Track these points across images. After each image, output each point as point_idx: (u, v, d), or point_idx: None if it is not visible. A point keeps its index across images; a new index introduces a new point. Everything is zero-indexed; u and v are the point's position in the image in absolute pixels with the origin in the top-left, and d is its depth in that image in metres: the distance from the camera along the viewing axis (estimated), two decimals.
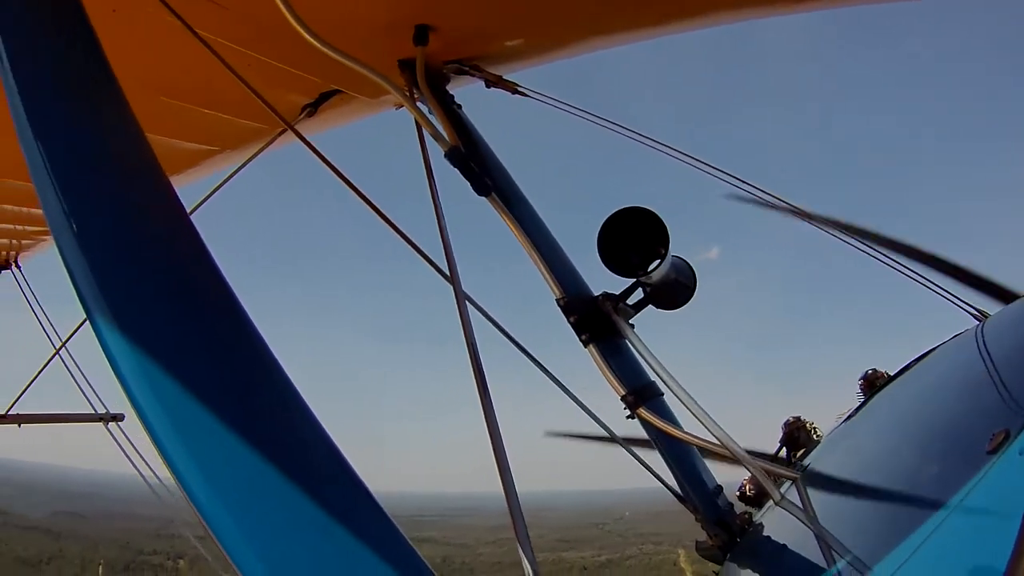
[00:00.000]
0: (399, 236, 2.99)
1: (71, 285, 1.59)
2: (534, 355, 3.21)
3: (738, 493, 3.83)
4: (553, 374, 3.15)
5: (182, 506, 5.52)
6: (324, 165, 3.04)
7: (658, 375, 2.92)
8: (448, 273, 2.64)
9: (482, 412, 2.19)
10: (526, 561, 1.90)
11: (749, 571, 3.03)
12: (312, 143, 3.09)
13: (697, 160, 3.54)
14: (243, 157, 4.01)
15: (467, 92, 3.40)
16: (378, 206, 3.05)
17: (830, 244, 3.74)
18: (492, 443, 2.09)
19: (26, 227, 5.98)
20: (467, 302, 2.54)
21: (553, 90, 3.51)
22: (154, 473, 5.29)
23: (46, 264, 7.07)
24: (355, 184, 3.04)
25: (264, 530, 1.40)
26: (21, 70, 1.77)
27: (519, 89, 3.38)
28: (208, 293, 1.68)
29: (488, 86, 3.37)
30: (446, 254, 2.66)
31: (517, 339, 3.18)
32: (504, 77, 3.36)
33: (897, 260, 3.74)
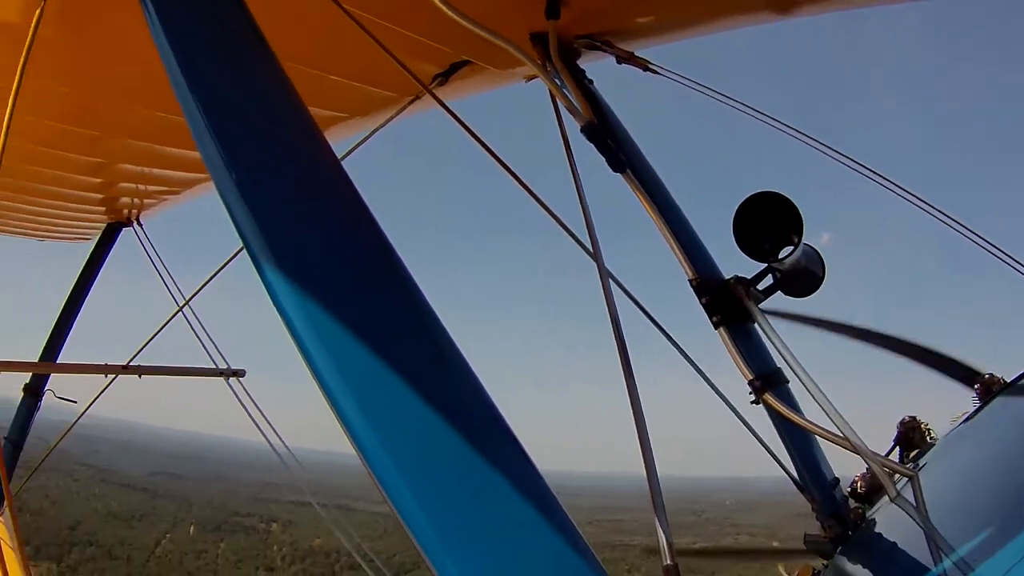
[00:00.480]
0: (542, 208, 2.98)
1: (236, 232, 1.67)
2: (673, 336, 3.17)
3: (849, 489, 3.77)
4: (690, 356, 3.12)
5: (295, 461, 5.66)
6: (465, 132, 3.04)
7: (785, 362, 2.88)
8: (591, 249, 2.61)
9: (626, 390, 2.16)
10: (663, 538, 1.89)
11: (859, 566, 2.99)
12: (450, 111, 3.10)
13: (829, 148, 3.45)
14: (370, 125, 4.09)
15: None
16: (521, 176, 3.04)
17: (952, 240, 3.60)
18: (635, 422, 2.08)
19: (148, 187, 6.13)
20: (610, 279, 2.49)
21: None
22: (272, 427, 5.53)
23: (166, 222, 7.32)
24: (496, 152, 3.04)
25: (432, 491, 1.44)
26: (174, 33, 1.86)
27: (650, 67, 3.32)
28: (367, 241, 1.73)
29: (619, 62, 3.31)
30: (588, 229, 2.62)
31: (655, 317, 3.14)
32: (635, 54, 3.30)
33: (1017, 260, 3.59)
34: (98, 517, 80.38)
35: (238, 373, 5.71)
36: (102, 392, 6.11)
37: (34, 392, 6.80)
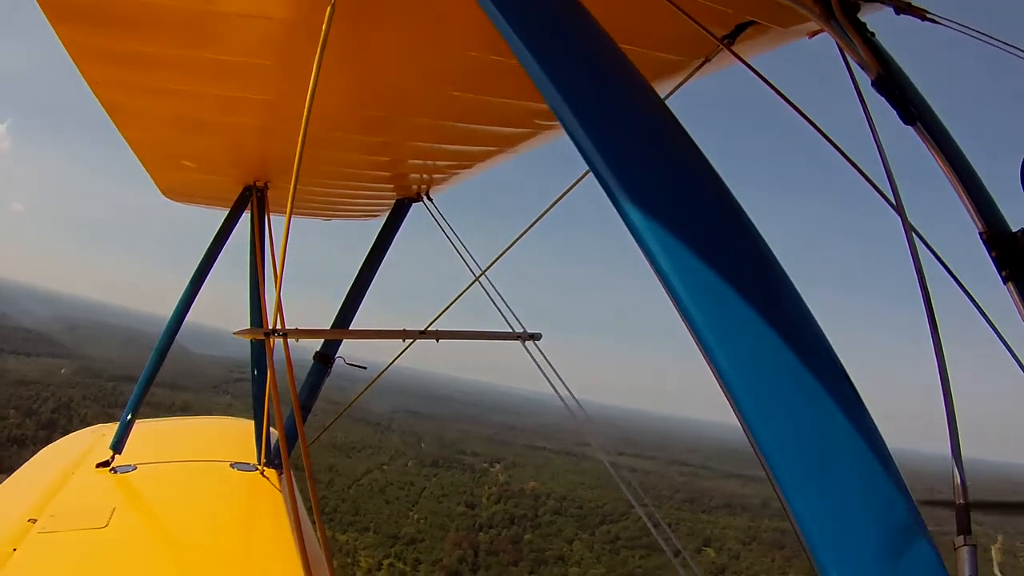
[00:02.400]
0: (845, 160, 3.05)
1: (605, 189, 1.84)
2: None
3: None
4: (991, 320, 2.98)
5: (588, 420, 5.81)
6: (765, 85, 3.16)
7: None
8: (894, 201, 2.67)
9: (933, 352, 2.24)
10: (957, 478, 2.07)
11: None
12: (751, 67, 3.21)
13: None
14: (661, 90, 4.16)
15: None
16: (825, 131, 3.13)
17: None
18: (942, 387, 2.17)
19: (437, 162, 6.49)
20: (916, 235, 2.57)
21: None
22: (566, 387, 5.60)
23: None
24: (797, 105, 3.14)
25: (794, 444, 1.59)
26: (515, 18, 2.07)
27: (928, 16, 3.20)
28: (705, 185, 1.86)
29: (898, 12, 3.20)
30: (889, 182, 2.68)
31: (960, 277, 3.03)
32: (912, 3, 3.20)
33: None
34: (321, 447, 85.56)
35: (534, 336, 5.82)
36: (398, 356, 6.42)
37: (324, 359, 7.40)
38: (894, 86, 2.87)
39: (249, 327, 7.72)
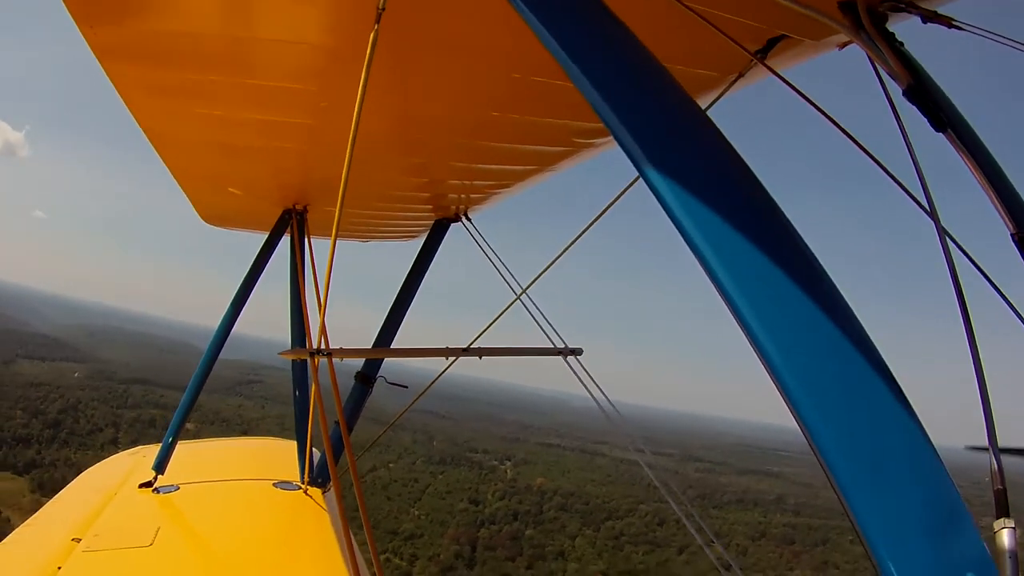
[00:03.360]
0: (878, 166, 3.17)
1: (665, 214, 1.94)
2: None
3: None
4: None
5: (628, 427, 5.82)
6: (799, 96, 3.29)
7: None
8: (928, 208, 2.76)
9: (971, 358, 2.31)
10: (994, 464, 2.14)
11: None
12: (786, 80, 3.34)
13: None
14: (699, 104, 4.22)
15: None
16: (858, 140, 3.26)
17: None
18: (980, 393, 2.24)
19: (475, 182, 6.59)
20: (948, 238, 2.64)
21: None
22: (608, 400, 5.72)
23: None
24: (831, 115, 3.28)
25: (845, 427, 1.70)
26: (561, 36, 2.15)
27: (955, 23, 3.26)
28: (751, 190, 1.96)
29: (924, 21, 3.28)
30: (923, 187, 2.79)
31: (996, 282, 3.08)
32: (938, 12, 3.27)
33: None
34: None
35: (575, 352, 5.84)
36: (442, 374, 6.58)
37: (365, 379, 7.54)
38: (925, 94, 2.96)
39: (291, 347, 7.89)
